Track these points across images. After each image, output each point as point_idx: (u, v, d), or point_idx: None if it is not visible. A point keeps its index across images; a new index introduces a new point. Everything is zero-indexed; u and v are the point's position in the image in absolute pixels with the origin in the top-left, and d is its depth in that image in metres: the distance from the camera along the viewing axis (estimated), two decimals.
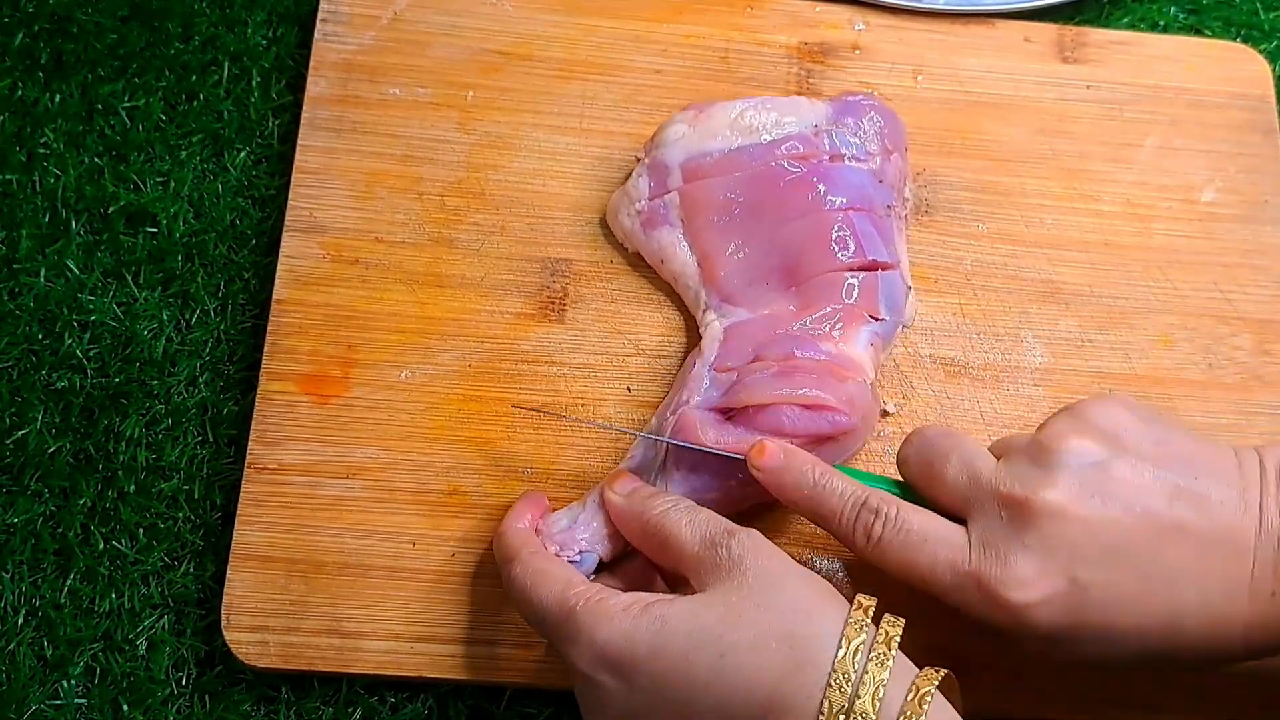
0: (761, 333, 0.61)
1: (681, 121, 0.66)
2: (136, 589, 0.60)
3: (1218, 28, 0.78)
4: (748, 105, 0.65)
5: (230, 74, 0.71)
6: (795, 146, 0.64)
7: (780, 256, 0.63)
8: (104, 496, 0.62)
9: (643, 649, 0.50)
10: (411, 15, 0.72)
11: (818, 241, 0.62)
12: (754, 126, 0.65)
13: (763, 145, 0.64)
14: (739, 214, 0.64)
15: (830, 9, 0.74)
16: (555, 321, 0.66)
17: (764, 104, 0.65)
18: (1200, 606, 0.51)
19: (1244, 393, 0.67)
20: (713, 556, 0.52)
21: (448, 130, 0.69)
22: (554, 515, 0.59)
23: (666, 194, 0.65)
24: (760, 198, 0.64)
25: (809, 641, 0.49)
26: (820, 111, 0.65)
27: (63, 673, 0.59)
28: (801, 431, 0.58)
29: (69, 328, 0.65)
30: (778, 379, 0.58)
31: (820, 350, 0.60)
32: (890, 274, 0.63)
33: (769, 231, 0.63)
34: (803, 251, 0.62)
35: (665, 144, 0.66)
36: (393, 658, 0.59)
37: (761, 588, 0.51)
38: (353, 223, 0.67)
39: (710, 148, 0.65)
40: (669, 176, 0.65)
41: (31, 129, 0.69)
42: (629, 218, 0.66)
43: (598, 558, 0.58)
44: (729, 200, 0.64)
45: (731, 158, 0.64)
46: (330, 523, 0.61)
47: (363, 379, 0.64)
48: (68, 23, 0.72)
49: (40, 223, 0.67)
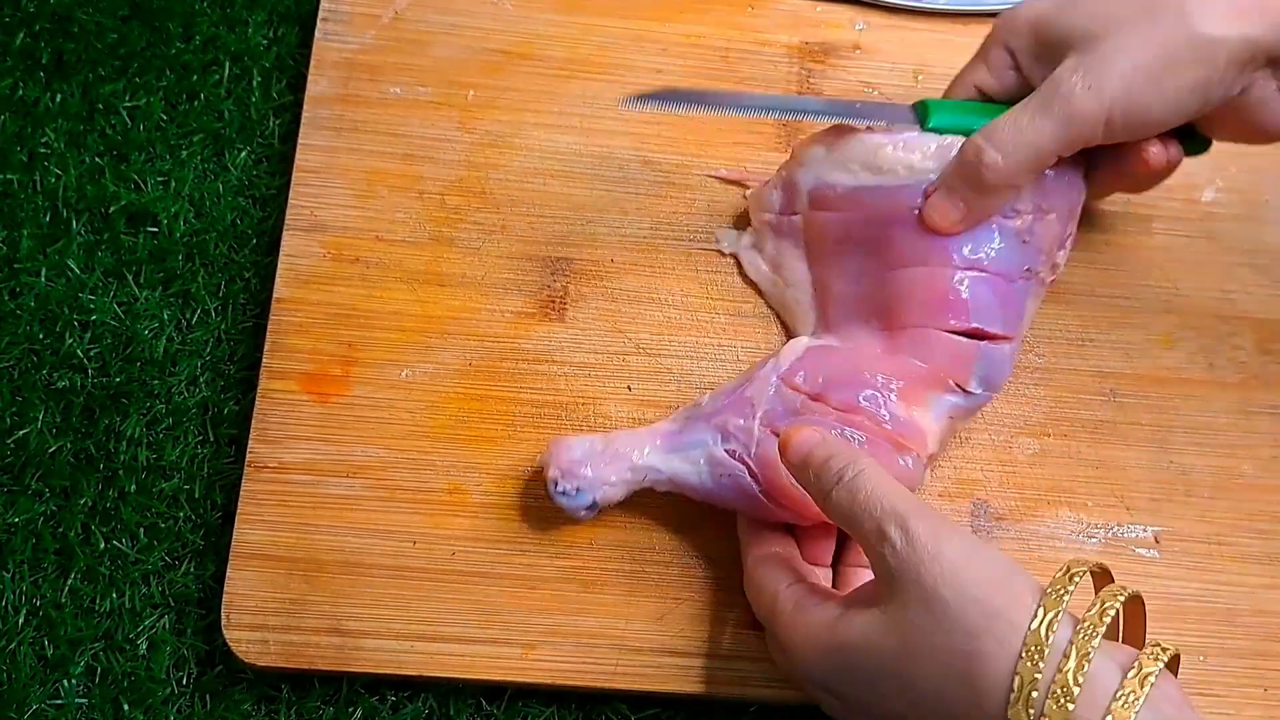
0: (838, 365, 0.59)
1: (820, 144, 0.63)
2: (137, 588, 0.60)
3: None
4: (887, 142, 0.61)
5: (231, 73, 0.71)
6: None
7: (883, 298, 0.60)
8: (105, 496, 0.62)
9: (833, 677, 0.51)
10: (412, 14, 0.72)
11: (924, 293, 0.59)
12: (888, 165, 0.61)
13: (892, 187, 0.60)
14: (856, 249, 0.62)
15: (831, 9, 0.74)
16: (556, 320, 0.66)
17: (906, 142, 0.61)
18: None
19: (1245, 392, 0.67)
20: (881, 557, 0.49)
21: (448, 129, 0.69)
22: (571, 441, 0.59)
23: (794, 214, 0.64)
24: (880, 236, 0.61)
25: (994, 650, 0.46)
26: None
27: (63, 672, 0.59)
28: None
29: (70, 327, 0.65)
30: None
31: (885, 411, 0.58)
32: (997, 347, 0.60)
33: (880, 271, 0.61)
34: (905, 298, 0.60)
35: (801, 163, 0.63)
36: (393, 657, 0.59)
37: (935, 601, 0.47)
38: (353, 222, 0.67)
39: (838, 180, 0.62)
40: (798, 198, 0.63)
41: (32, 128, 0.69)
42: (759, 217, 0.66)
43: (593, 500, 0.58)
44: (848, 235, 0.62)
45: (858, 195, 0.61)
46: (331, 522, 0.61)
47: (363, 378, 0.64)
48: (68, 22, 0.72)
49: (41, 222, 0.67)
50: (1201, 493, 0.65)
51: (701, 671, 0.59)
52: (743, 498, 0.58)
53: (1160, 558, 0.63)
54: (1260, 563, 0.63)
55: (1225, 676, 0.61)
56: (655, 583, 0.61)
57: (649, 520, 0.62)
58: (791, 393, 0.59)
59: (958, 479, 0.64)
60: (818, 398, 0.59)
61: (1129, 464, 0.65)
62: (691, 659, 0.59)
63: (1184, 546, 0.64)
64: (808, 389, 0.59)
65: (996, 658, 0.46)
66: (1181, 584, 0.63)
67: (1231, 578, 0.63)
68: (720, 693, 0.59)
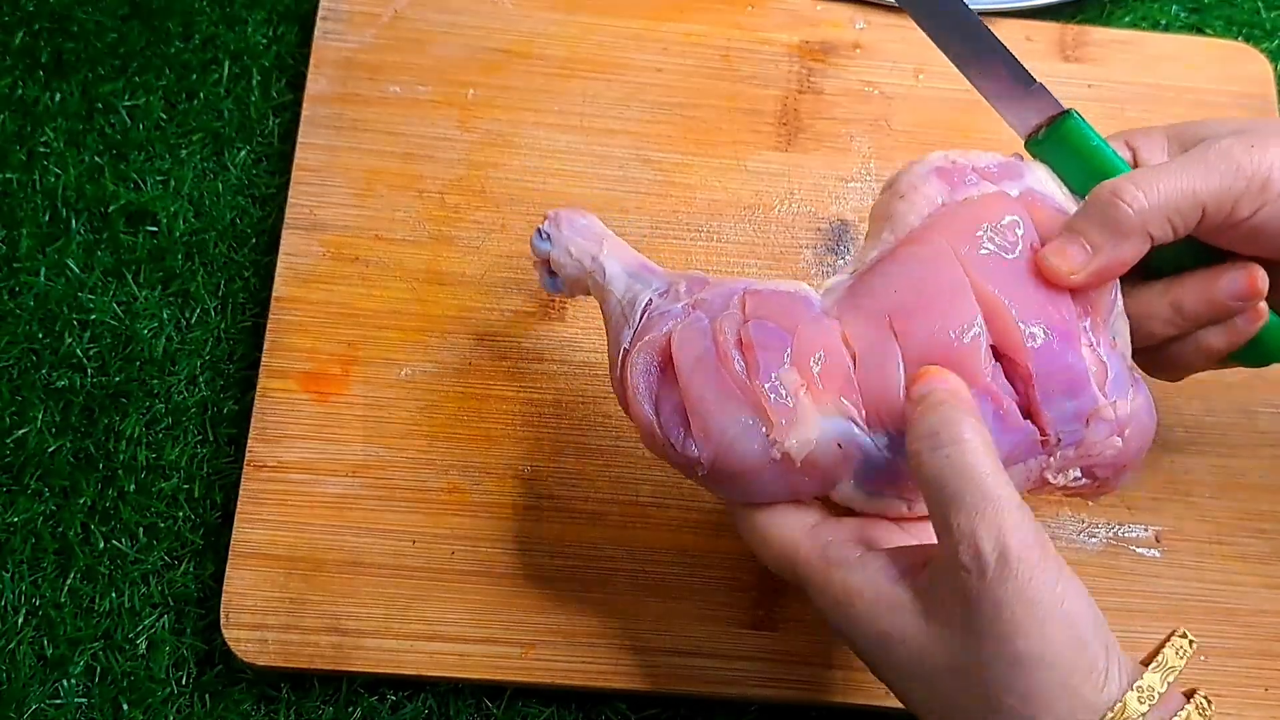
0: (780, 314, 0.53)
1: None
2: (136, 588, 0.60)
3: (1220, 27, 0.78)
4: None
5: (230, 72, 0.71)
6: None
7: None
8: (104, 495, 0.62)
9: (867, 656, 0.47)
10: (412, 13, 0.72)
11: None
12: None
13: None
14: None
15: (831, 7, 0.74)
16: (556, 319, 0.66)
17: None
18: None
19: (1246, 392, 0.67)
20: (959, 565, 0.43)
21: (448, 128, 0.69)
22: (587, 213, 0.58)
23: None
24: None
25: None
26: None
27: (63, 672, 0.59)
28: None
29: (69, 327, 0.65)
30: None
31: (776, 376, 0.50)
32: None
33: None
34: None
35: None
36: (393, 656, 0.59)
37: (1007, 649, 0.43)
38: (353, 220, 0.67)
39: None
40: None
41: (32, 128, 0.69)
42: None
43: (547, 252, 0.58)
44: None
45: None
46: (330, 521, 0.61)
47: (363, 377, 0.64)
48: (68, 21, 0.71)
49: (40, 221, 0.67)
50: (1202, 492, 0.65)
51: (701, 671, 0.59)
52: (613, 347, 0.54)
53: (1161, 557, 0.63)
54: (1261, 563, 0.63)
55: (1226, 676, 0.61)
56: (655, 583, 0.61)
57: (649, 520, 0.62)
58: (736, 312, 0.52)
59: None
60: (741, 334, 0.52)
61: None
62: (691, 659, 0.59)
63: (1185, 546, 0.63)
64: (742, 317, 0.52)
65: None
66: (1182, 584, 0.63)
67: (1232, 577, 0.63)
68: (720, 693, 0.59)
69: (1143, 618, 0.61)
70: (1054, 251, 0.50)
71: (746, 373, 0.50)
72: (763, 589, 0.61)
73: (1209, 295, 0.52)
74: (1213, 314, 0.53)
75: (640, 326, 0.53)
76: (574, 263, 0.57)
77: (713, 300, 0.53)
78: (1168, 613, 0.62)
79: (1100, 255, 0.50)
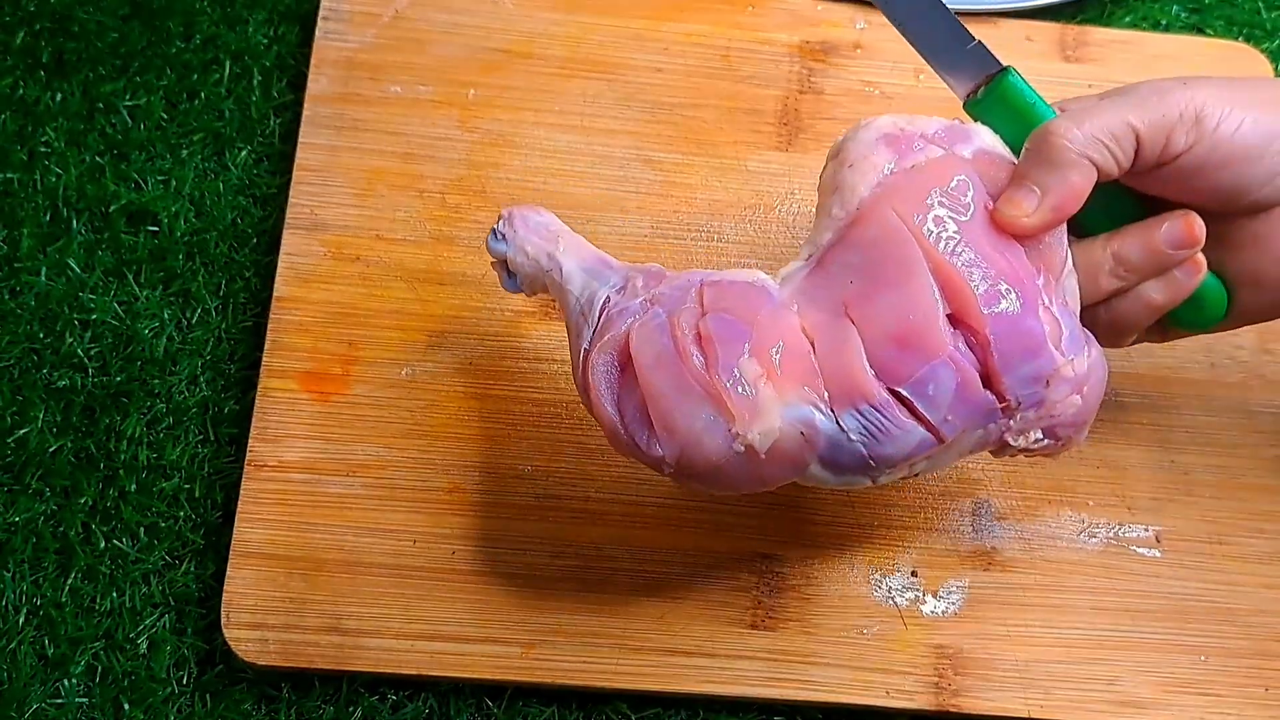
0: (738, 307, 0.52)
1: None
2: (137, 588, 0.60)
3: (1220, 27, 0.78)
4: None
5: (231, 73, 0.71)
6: None
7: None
8: (105, 495, 0.62)
9: None
10: (413, 13, 0.72)
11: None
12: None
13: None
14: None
15: (832, 8, 0.74)
16: (556, 319, 0.66)
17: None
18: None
19: (1246, 392, 0.67)
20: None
21: (449, 128, 0.69)
22: (543, 212, 0.58)
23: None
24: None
25: None
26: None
27: (64, 671, 0.59)
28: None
29: (70, 326, 0.65)
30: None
31: (736, 366, 0.50)
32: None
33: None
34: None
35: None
36: (393, 656, 0.59)
37: None
38: (354, 220, 0.67)
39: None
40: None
41: (33, 128, 0.69)
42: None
43: (504, 254, 0.58)
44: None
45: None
46: (331, 520, 0.61)
47: (363, 377, 0.64)
48: (69, 21, 0.72)
49: (41, 221, 0.67)
50: (1203, 492, 0.65)
51: (701, 671, 0.59)
52: (574, 347, 0.54)
53: (1161, 557, 0.63)
54: (1261, 563, 0.63)
55: (1226, 676, 0.61)
56: (655, 583, 0.61)
57: (649, 520, 0.62)
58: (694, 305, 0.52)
59: (959, 478, 0.64)
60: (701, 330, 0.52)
61: (1130, 463, 0.65)
62: (691, 659, 0.59)
63: (1185, 546, 0.63)
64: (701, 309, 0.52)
65: None
66: (1183, 584, 0.63)
67: (1232, 577, 0.63)
68: (720, 693, 0.59)
69: (1143, 618, 0.61)
70: (1005, 201, 0.51)
71: (706, 367, 0.50)
72: (763, 589, 0.61)
73: (1149, 244, 0.53)
74: (1154, 264, 0.53)
75: (599, 325, 0.54)
76: (530, 262, 0.57)
77: (670, 294, 0.53)
78: (1168, 613, 0.62)
79: (1050, 195, 0.51)
